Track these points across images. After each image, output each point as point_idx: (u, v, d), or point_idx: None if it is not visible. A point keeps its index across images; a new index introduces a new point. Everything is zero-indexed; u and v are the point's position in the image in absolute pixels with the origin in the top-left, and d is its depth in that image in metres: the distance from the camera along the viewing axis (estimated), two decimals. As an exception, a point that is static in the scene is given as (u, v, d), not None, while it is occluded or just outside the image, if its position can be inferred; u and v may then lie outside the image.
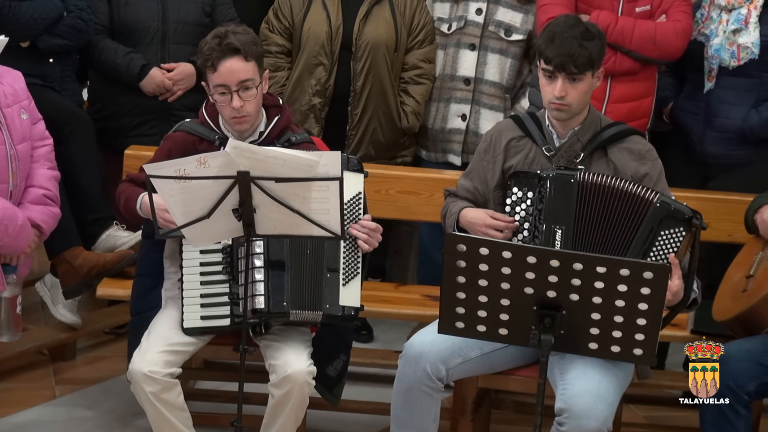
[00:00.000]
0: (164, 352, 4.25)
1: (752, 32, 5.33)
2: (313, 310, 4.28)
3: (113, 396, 5.28)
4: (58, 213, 4.76)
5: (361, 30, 5.57)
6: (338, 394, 4.57)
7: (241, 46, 4.26)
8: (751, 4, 5.35)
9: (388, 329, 6.10)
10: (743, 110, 5.40)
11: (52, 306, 5.46)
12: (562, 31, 4.25)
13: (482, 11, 5.62)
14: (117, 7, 5.64)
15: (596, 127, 4.41)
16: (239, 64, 4.28)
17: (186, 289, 4.33)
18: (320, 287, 4.29)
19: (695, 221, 4.21)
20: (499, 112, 5.60)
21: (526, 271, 3.68)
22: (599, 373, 4.06)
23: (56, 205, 4.75)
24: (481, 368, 4.32)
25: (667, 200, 4.24)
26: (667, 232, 4.21)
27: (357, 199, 4.40)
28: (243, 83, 4.29)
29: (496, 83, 5.62)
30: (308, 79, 5.59)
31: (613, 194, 4.24)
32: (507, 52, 5.62)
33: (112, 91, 5.69)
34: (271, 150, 3.93)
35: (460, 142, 5.65)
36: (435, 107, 5.71)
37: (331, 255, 4.32)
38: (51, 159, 4.83)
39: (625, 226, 4.24)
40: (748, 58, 5.34)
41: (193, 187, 3.91)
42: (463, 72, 5.64)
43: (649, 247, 4.21)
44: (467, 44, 5.63)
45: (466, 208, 4.50)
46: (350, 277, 4.34)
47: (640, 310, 3.67)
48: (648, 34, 5.30)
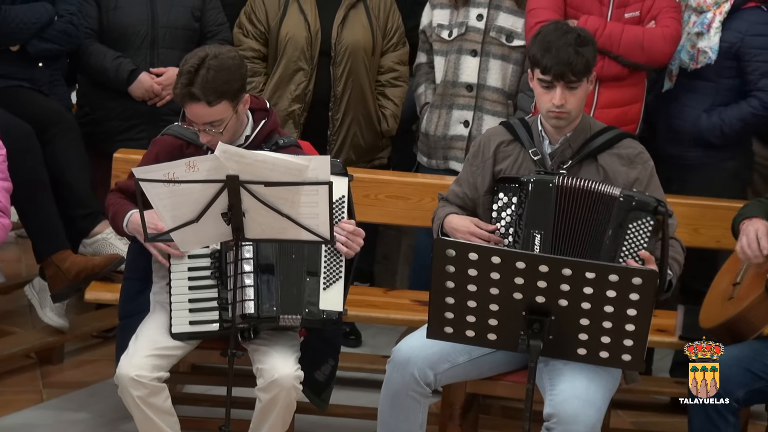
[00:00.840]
0: (152, 356, 4.24)
1: (712, 37, 5.35)
2: (293, 314, 4.27)
3: (101, 400, 5.27)
4: (9, 224, 4.68)
5: (339, 34, 5.56)
6: (326, 399, 4.57)
7: (202, 95, 4.16)
8: (717, 9, 5.37)
9: (376, 334, 6.10)
10: (696, 113, 5.44)
11: (40, 309, 5.45)
12: (555, 39, 4.25)
13: (483, 17, 5.61)
14: (106, 12, 5.63)
15: (587, 133, 4.42)
16: (202, 110, 4.21)
17: (174, 294, 4.32)
18: (300, 291, 4.28)
19: (660, 209, 4.23)
20: (501, 118, 5.56)
21: (515, 277, 3.68)
22: (587, 379, 4.07)
23: (6, 216, 4.69)
24: (469, 373, 4.32)
25: (630, 193, 4.26)
26: (635, 224, 4.23)
27: (340, 202, 4.39)
28: (209, 123, 4.27)
29: (498, 89, 5.62)
30: (287, 85, 5.58)
31: (584, 195, 4.26)
32: (509, 57, 5.61)
33: (101, 95, 5.68)
34: (261, 154, 3.93)
35: (462, 148, 5.62)
36: (437, 114, 5.68)
37: (312, 259, 4.31)
38: (3, 170, 4.74)
39: (597, 225, 4.26)
40: (705, 62, 5.38)
41: (182, 190, 3.90)
42: (465, 78, 5.63)
43: (621, 241, 4.23)
44: (469, 50, 5.62)
45: (452, 215, 4.51)
46: (332, 281, 4.33)
47: (628, 315, 3.67)
48: (636, 40, 5.31)
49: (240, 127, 4.38)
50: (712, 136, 5.42)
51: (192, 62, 4.21)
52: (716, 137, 5.41)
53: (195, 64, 4.20)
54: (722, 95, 5.43)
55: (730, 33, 5.36)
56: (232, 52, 4.33)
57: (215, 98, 4.19)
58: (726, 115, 5.38)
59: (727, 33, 5.35)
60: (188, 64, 4.22)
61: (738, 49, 5.35)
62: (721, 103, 5.42)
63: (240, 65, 4.29)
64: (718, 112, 5.40)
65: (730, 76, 5.41)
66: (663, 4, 5.38)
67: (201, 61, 4.21)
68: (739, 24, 5.37)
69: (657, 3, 5.39)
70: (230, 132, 4.30)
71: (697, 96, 5.46)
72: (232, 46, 4.51)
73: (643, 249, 4.22)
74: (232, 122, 4.28)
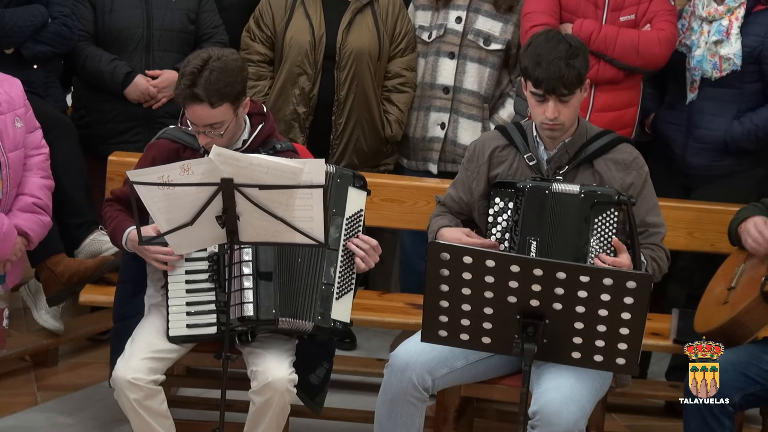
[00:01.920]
0: (148, 359, 4.24)
1: (734, 43, 5.34)
2: (304, 320, 4.27)
3: (95, 402, 5.27)
4: (49, 222, 4.75)
5: (344, 39, 5.56)
6: (321, 402, 4.56)
7: (205, 96, 4.18)
8: (732, 15, 5.36)
9: (371, 337, 6.10)
10: (725, 121, 5.41)
11: (35, 311, 5.44)
12: (546, 52, 4.24)
13: (462, 20, 5.61)
14: (102, 14, 5.62)
15: (584, 138, 4.42)
16: (204, 111, 4.22)
17: (171, 297, 4.32)
18: (313, 298, 4.28)
19: (622, 198, 4.25)
20: (477, 122, 5.60)
21: (509, 280, 3.68)
22: (573, 377, 4.07)
23: (47, 214, 4.74)
24: (466, 378, 4.33)
25: (591, 189, 4.27)
26: (601, 217, 4.25)
27: (358, 215, 4.40)
28: (209, 125, 4.27)
29: (474, 92, 5.62)
30: (292, 89, 5.58)
31: (563, 199, 4.28)
32: (486, 61, 5.61)
33: (96, 97, 5.67)
34: (255, 157, 3.93)
35: (438, 150, 5.65)
36: (415, 116, 5.71)
37: (327, 268, 4.31)
38: (45, 168, 4.83)
39: (571, 225, 4.27)
40: (730, 69, 5.35)
41: (177, 193, 3.90)
42: (443, 80, 5.64)
43: (589, 235, 4.25)
44: (446, 52, 5.63)
45: (444, 228, 4.51)
46: (343, 291, 4.34)
47: (622, 319, 3.67)
48: (631, 43, 5.31)
49: (238, 130, 4.38)
50: (747, 142, 5.39)
51: (195, 63, 4.22)
52: (752, 143, 5.38)
53: (198, 66, 4.20)
54: (747, 100, 5.41)
55: (749, 37, 5.34)
56: (234, 55, 4.33)
57: (218, 100, 4.20)
58: (759, 119, 5.35)
59: (745, 38, 5.33)
60: (191, 65, 4.22)
61: (760, 52, 5.34)
62: (747, 109, 5.40)
63: (242, 68, 4.30)
64: (749, 118, 5.37)
65: (753, 81, 5.39)
66: (658, 8, 5.39)
67: (204, 62, 4.21)
68: (756, 28, 5.35)
69: (652, 6, 5.39)
70: (229, 135, 4.30)
71: (721, 104, 5.41)
72: (233, 49, 4.50)
73: (610, 240, 4.23)
74: (231, 125, 4.29)
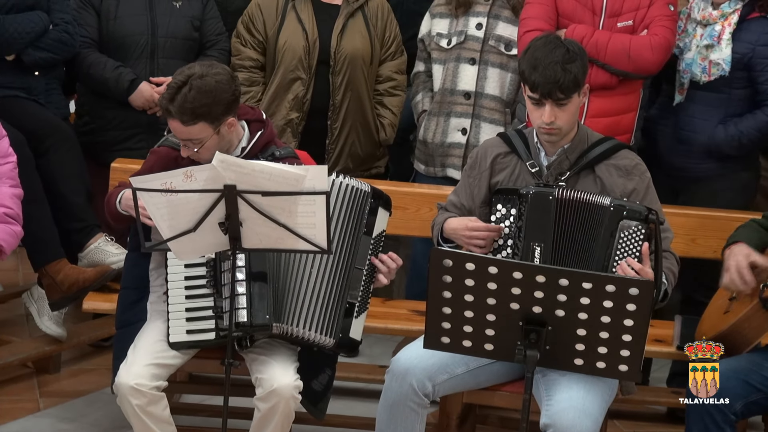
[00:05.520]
0: (151, 365, 4.24)
1: (724, 49, 5.36)
2: (326, 336, 4.29)
3: (98, 409, 5.27)
4: (20, 231, 4.70)
5: (338, 44, 5.57)
6: (323, 409, 4.56)
7: (177, 114, 4.18)
8: (725, 21, 5.38)
9: (373, 344, 6.09)
10: (710, 125, 5.43)
11: (38, 318, 5.44)
12: (543, 56, 4.24)
13: (482, 26, 5.63)
14: (106, 21, 5.63)
15: (584, 144, 4.42)
16: (179, 127, 4.23)
17: (171, 303, 4.32)
18: (338, 315, 4.30)
19: (651, 217, 4.23)
20: (499, 126, 5.59)
21: (512, 287, 3.68)
22: (584, 389, 4.07)
23: (17, 223, 4.69)
24: (467, 384, 4.32)
25: (621, 203, 4.26)
26: (626, 233, 4.24)
27: (381, 236, 4.41)
28: (187, 140, 4.28)
29: (496, 97, 5.63)
30: (285, 94, 5.59)
31: (579, 207, 4.27)
32: (507, 66, 5.62)
33: (100, 104, 5.68)
34: (258, 164, 3.93)
35: (460, 156, 5.64)
36: (435, 121, 5.70)
37: (354, 286, 4.33)
38: (14, 177, 4.77)
39: (591, 236, 4.27)
40: (718, 74, 5.37)
41: (180, 200, 3.91)
42: (463, 86, 5.64)
43: (613, 250, 4.24)
44: (467, 59, 5.64)
45: (450, 218, 4.51)
46: (362, 310, 4.36)
47: (625, 326, 3.67)
48: (622, 48, 5.30)
49: (227, 144, 4.35)
50: (729, 147, 5.40)
51: (178, 78, 4.23)
52: (734, 148, 5.40)
53: (180, 82, 4.21)
54: (734, 106, 5.43)
55: (740, 44, 5.36)
56: (220, 75, 4.25)
57: (189, 119, 4.20)
58: (743, 125, 5.37)
59: (736, 44, 5.35)
60: (176, 79, 4.24)
61: (749, 59, 5.35)
62: (734, 114, 5.42)
63: (225, 89, 4.23)
64: (734, 123, 5.39)
65: (742, 87, 5.41)
66: (656, 13, 5.36)
67: (186, 79, 4.21)
68: (747, 35, 5.37)
69: (650, 12, 5.37)
70: (210, 150, 4.24)
71: (708, 108, 5.44)
72: (226, 66, 4.47)
73: (635, 258, 4.22)
74: (212, 142, 4.27)
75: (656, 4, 5.37)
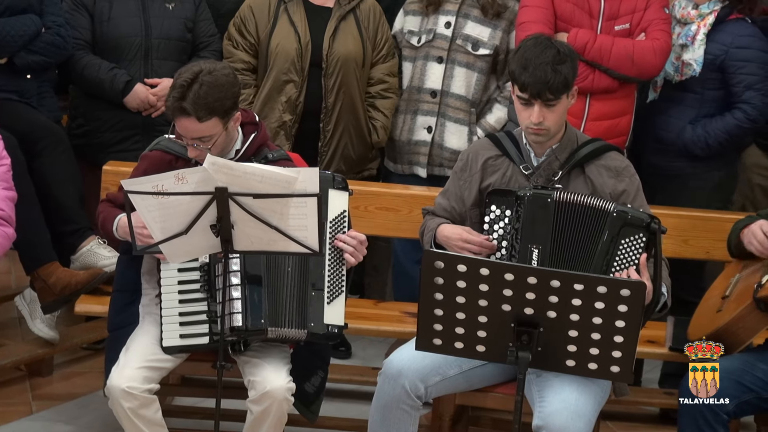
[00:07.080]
0: (143, 368, 4.24)
1: (697, 49, 5.38)
2: (298, 329, 4.28)
3: (90, 412, 5.27)
4: (12, 234, 4.69)
5: (331, 46, 5.57)
6: (316, 411, 4.57)
7: (193, 111, 4.19)
8: (702, 21, 5.39)
9: (366, 346, 6.10)
10: (681, 124, 5.46)
11: (30, 320, 5.43)
12: (534, 57, 4.24)
13: (451, 25, 5.64)
14: (100, 23, 5.63)
15: (573, 144, 4.42)
16: (192, 125, 4.23)
17: (165, 308, 4.32)
18: (305, 305, 4.29)
19: (653, 226, 4.24)
20: (463, 126, 5.62)
21: (503, 288, 3.69)
22: (576, 390, 4.07)
23: (10, 225, 4.68)
24: (459, 386, 4.32)
25: (624, 209, 4.26)
26: (627, 240, 4.24)
27: (342, 216, 4.40)
28: (198, 139, 4.28)
29: (462, 96, 5.64)
30: (278, 96, 5.58)
31: (579, 210, 4.27)
32: (473, 66, 5.63)
33: (95, 106, 5.67)
34: (249, 166, 3.94)
35: (425, 154, 5.67)
36: (402, 119, 5.73)
37: (316, 273, 4.32)
38: (7, 179, 4.77)
39: (591, 239, 4.27)
40: (689, 74, 5.41)
41: (171, 203, 3.91)
42: (430, 84, 5.66)
43: (612, 256, 4.24)
44: (435, 57, 5.65)
45: (444, 224, 4.51)
46: (335, 295, 4.34)
47: (617, 327, 3.68)
48: (626, 53, 5.32)
49: (230, 142, 4.38)
50: (696, 148, 5.43)
51: (186, 76, 4.22)
52: (701, 149, 5.43)
53: (188, 79, 4.21)
54: (707, 107, 5.45)
55: (715, 45, 5.37)
56: (227, 69, 4.33)
57: (206, 114, 4.20)
58: (711, 127, 5.40)
59: (711, 45, 5.37)
60: (182, 78, 4.23)
61: (723, 61, 5.37)
62: (706, 115, 5.44)
63: (233, 83, 4.29)
64: (703, 124, 5.41)
65: (715, 88, 5.43)
66: (653, 17, 5.39)
67: (195, 75, 4.21)
68: (723, 36, 5.38)
69: (647, 15, 5.40)
70: (219, 148, 4.30)
71: (681, 107, 5.48)
72: (226, 63, 4.50)
73: (634, 264, 4.22)
74: (221, 139, 4.29)
75: (652, 7, 5.40)
